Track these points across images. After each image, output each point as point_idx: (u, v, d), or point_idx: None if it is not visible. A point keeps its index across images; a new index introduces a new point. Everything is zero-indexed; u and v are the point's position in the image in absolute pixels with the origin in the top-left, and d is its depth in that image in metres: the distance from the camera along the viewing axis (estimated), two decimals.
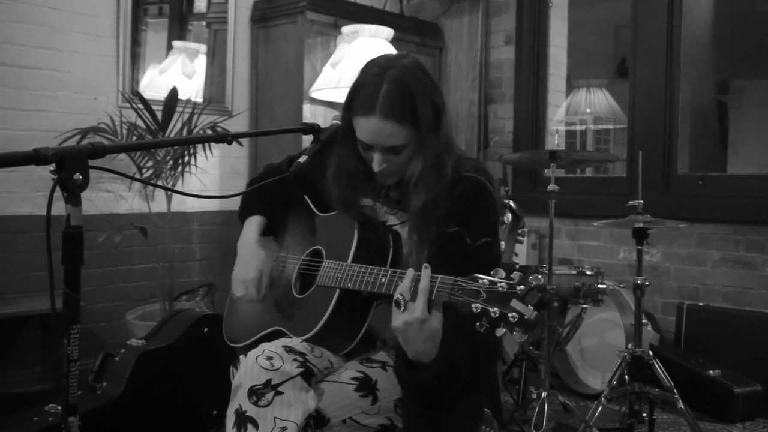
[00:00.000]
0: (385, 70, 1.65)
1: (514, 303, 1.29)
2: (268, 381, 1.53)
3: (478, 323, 1.31)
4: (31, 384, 3.35)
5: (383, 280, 1.56)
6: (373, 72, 1.67)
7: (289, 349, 1.61)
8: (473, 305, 1.33)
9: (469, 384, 1.59)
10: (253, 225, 1.94)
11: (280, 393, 1.53)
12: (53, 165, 1.19)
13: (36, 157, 1.17)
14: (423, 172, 1.68)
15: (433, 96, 1.68)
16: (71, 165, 1.19)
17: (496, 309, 1.30)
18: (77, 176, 1.19)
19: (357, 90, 1.68)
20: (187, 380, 2.74)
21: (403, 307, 1.44)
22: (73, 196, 1.19)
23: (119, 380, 2.60)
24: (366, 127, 1.66)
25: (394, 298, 1.46)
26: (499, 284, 1.32)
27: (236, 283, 1.87)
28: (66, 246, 1.19)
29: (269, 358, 1.56)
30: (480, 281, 1.34)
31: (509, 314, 1.29)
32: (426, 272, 1.44)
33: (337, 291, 1.65)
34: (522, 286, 1.30)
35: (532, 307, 1.28)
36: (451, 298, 1.38)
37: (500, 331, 1.30)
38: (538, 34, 4.52)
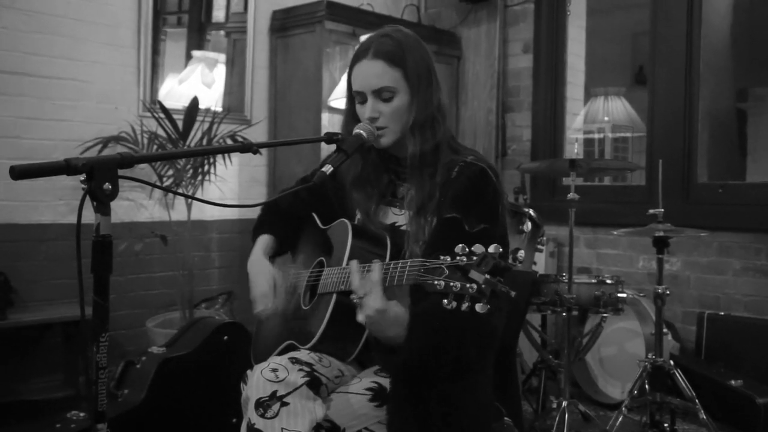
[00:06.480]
0: (381, 32, 1.76)
1: (473, 274, 1.27)
2: (274, 392, 1.54)
3: (445, 300, 1.29)
4: (52, 391, 3.38)
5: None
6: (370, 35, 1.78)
7: (295, 360, 1.62)
8: (436, 282, 1.31)
9: (459, 368, 1.57)
10: (259, 244, 1.97)
11: (286, 404, 1.54)
12: (83, 175, 1.20)
13: (67, 168, 1.18)
14: (419, 147, 1.70)
15: (423, 55, 1.75)
16: (101, 175, 1.20)
17: (457, 283, 1.28)
18: (107, 186, 1.20)
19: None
20: (207, 388, 2.75)
21: (360, 304, 1.47)
22: (102, 206, 1.20)
23: (141, 387, 2.61)
24: (358, 72, 1.73)
25: (351, 297, 1.50)
26: (459, 259, 1.30)
27: (254, 300, 1.88)
28: (95, 255, 1.21)
29: (274, 370, 1.58)
30: (442, 258, 1.33)
31: (468, 285, 1.27)
32: (377, 265, 1.47)
33: (334, 295, 1.67)
34: (476, 257, 1.28)
35: (488, 276, 1.26)
36: (418, 279, 1.38)
37: (481, 307, 1.27)
38: (555, 43, 4.51)
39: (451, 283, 1.29)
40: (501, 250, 1.28)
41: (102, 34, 3.59)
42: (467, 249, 1.30)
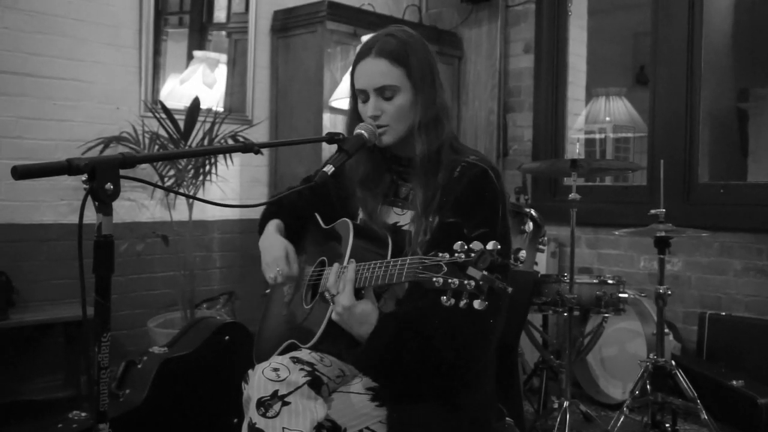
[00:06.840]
0: (385, 31, 1.76)
1: (470, 270, 1.28)
2: (275, 392, 1.55)
3: (444, 297, 1.30)
4: (54, 391, 3.38)
5: (367, 274, 1.56)
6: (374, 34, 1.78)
7: (296, 360, 1.63)
8: (434, 279, 1.32)
9: (458, 366, 1.56)
10: (272, 225, 1.98)
11: (287, 403, 1.54)
12: (85, 175, 1.20)
13: (69, 168, 1.18)
14: (426, 148, 1.69)
15: (427, 55, 1.75)
16: (102, 175, 1.20)
17: (455, 280, 1.29)
18: (108, 186, 1.20)
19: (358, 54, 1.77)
20: (208, 388, 2.75)
21: (331, 301, 1.55)
22: (104, 206, 1.21)
23: (142, 387, 2.61)
24: (361, 71, 1.73)
25: (324, 294, 1.57)
26: (457, 256, 1.31)
27: (267, 266, 1.87)
28: (97, 255, 1.21)
29: (275, 370, 1.58)
30: (440, 255, 1.34)
31: (466, 282, 1.28)
32: (351, 265, 1.54)
33: None
34: (474, 254, 1.29)
35: (486, 272, 1.27)
36: (417, 276, 1.38)
37: (479, 304, 1.28)
38: (557, 43, 4.51)
39: (450, 280, 1.30)
40: (499, 247, 1.29)
41: (103, 34, 3.59)
42: (465, 246, 1.31)
